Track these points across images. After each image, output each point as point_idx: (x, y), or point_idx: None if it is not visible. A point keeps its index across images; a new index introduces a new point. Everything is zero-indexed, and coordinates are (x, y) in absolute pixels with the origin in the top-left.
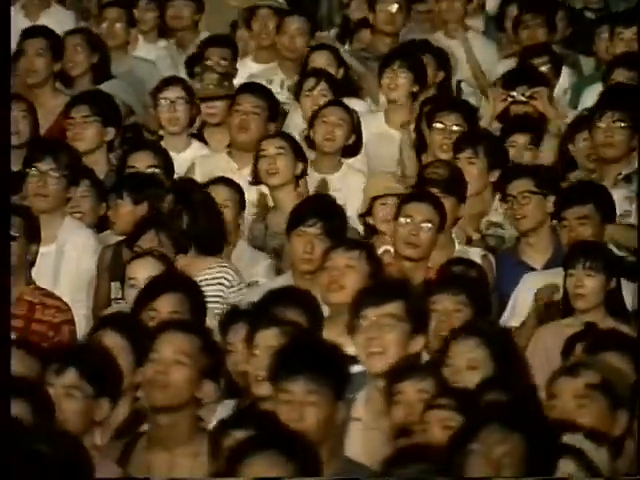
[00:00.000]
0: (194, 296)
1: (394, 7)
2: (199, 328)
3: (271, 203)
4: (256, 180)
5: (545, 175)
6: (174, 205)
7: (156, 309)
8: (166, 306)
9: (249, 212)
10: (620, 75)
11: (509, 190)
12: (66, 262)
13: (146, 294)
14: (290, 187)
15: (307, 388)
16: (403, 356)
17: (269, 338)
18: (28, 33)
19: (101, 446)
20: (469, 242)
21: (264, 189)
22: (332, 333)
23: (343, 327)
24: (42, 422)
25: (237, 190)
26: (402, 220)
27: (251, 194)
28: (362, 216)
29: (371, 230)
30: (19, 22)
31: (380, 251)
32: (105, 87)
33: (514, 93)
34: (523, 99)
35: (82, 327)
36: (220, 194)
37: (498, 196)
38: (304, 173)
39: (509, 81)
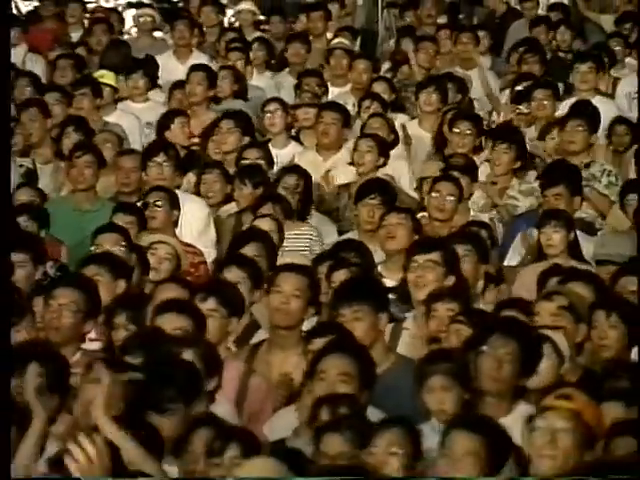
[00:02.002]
0: None
1: (432, 51)
2: (307, 270)
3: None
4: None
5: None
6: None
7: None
8: (252, 254)
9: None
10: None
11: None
12: (186, 220)
13: None
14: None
15: (355, 308)
16: (438, 288)
17: (341, 275)
18: (194, 68)
19: (233, 351)
20: (495, 206)
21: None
22: (386, 271)
23: (394, 266)
24: (195, 334)
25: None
26: (434, 194)
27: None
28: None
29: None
30: (172, 64)
31: (418, 216)
32: (236, 104)
33: (520, 107)
34: (525, 111)
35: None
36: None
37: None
38: (385, 164)
39: (517, 99)
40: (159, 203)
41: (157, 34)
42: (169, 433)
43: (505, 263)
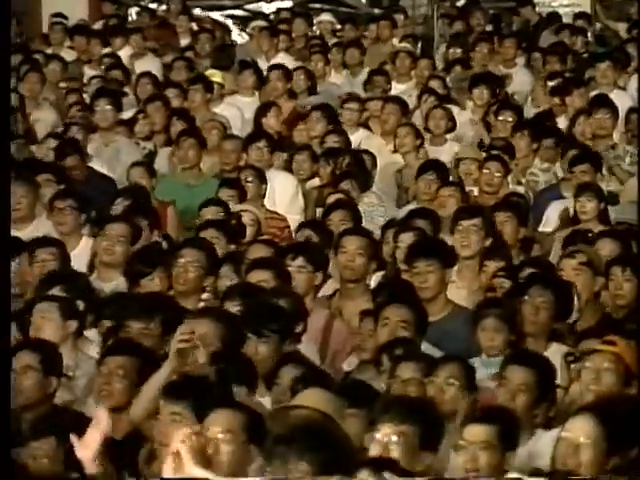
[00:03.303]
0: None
1: (485, 49)
2: (367, 232)
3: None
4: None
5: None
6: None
7: (331, 219)
8: (338, 219)
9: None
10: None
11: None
12: (278, 192)
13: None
14: (415, 154)
15: (427, 263)
16: (480, 248)
17: (408, 238)
18: (274, 67)
19: (316, 300)
20: (519, 183)
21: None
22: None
23: (445, 229)
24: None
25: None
26: (484, 171)
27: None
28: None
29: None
30: (262, 64)
31: (467, 190)
32: (315, 99)
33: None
34: (559, 102)
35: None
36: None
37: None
38: (422, 144)
39: (552, 92)
40: (250, 179)
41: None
42: (264, 358)
43: (540, 229)
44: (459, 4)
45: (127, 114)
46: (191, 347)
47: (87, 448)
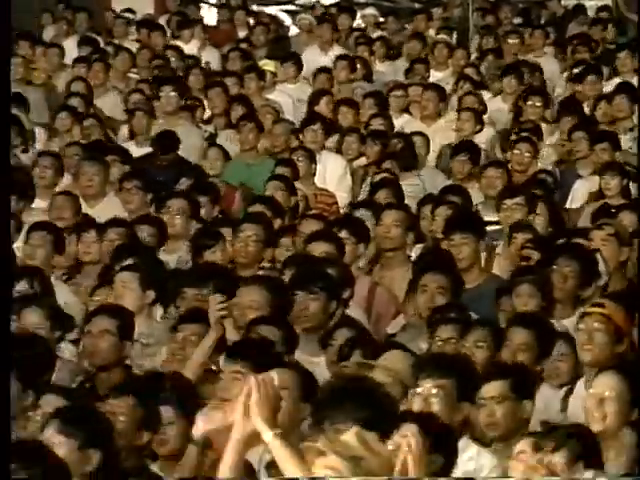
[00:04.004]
0: None
1: (516, 40)
2: (403, 206)
3: None
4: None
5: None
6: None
7: (377, 197)
8: (383, 196)
9: None
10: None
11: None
12: (329, 171)
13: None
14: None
15: (462, 236)
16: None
17: (443, 212)
18: (340, 57)
19: (359, 269)
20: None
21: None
22: (484, 210)
23: (490, 206)
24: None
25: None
26: (515, 152)
27: None
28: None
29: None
30: (317, 54)
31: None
32: (365, 85)
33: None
34: (580, 89)
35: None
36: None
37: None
38: (481, 130)
39: (575, 79)
40: (302, 159)
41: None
42: (313, 314)
43: (567, 206)
44: None
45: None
46: (228, 314)
47: (210, 423)
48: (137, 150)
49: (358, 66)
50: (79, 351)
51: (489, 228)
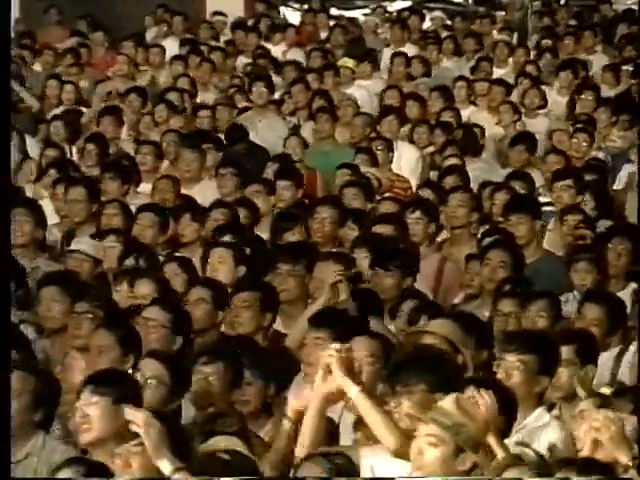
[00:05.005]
0: None
1: (570, 41)
2: (469, 189)
3: None
4: None
5: None
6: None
7: (444, 181)
8: (451, 181)
9: None
10: None
11: None
12: (404, 159)
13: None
14: (513, 126)
15: (519, 216)
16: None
17: (502, 195)
18: (395, 54)
19: (430, 246)
20: (599, 149)
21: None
22: (544, 191)
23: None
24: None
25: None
26: (574, 140)
27: None
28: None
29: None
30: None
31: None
32: (424, 80)
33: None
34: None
35: None
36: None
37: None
38: (519, 119)
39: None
40: (380, 147)
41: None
42: (388, 288)
43: (614, 187)
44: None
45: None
46: (338, 283)
47: (300, 399)
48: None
49: (418, 63)
50: None
51: (549, 209)
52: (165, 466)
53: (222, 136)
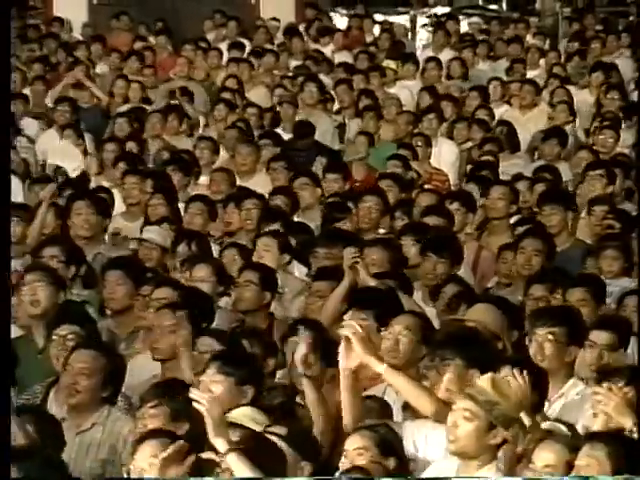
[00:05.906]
0: None
1: (598, 45)
2: (508, 183)
3: None
4: None
5: None
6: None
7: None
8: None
9: None
10: None
11: None
12: (443, 154)
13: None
14: None
15: (552, 207)
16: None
17: (538, 188)
18: (430, 59)
19: (469, 235)
20: None
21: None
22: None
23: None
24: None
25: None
26: (601, 136)
27: None
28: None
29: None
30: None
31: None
32: (457, 83)
33: None
34: None
35: None
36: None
37: None
38: (574, 120)
39: None
40: (420, 143)
41: None
42: (439, 274)
43: None
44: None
45: None
46: (358, 263)
47: (349, 359)
48: (283, 135)
49: (457, 65)
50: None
51: None
52: (220, 444)
53: (280, 131)
